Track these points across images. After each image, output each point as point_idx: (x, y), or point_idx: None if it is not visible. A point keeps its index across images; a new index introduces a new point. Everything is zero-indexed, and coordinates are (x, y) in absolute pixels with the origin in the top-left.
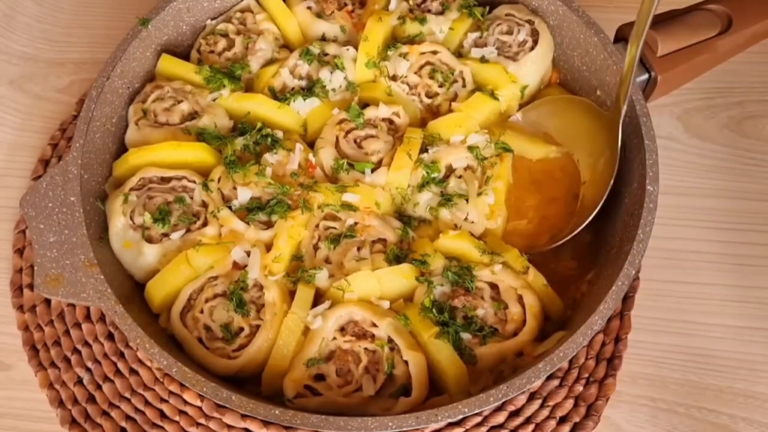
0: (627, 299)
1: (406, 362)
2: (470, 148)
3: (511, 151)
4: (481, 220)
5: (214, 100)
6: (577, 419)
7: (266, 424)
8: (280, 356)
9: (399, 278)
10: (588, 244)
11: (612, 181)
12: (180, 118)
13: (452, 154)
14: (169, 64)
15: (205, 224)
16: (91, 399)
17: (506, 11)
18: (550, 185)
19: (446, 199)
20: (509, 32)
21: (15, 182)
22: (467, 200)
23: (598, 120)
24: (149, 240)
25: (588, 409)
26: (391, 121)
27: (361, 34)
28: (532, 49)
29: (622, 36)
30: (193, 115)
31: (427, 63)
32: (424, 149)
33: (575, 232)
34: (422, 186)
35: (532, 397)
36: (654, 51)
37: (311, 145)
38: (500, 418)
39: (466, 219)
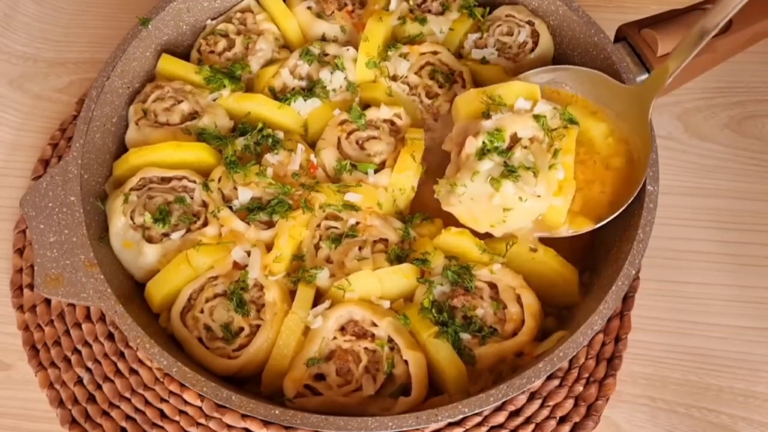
0: (627, 299)
1: (406, 362)
2: (536, 117)
3: (577, 123)
4: (548, 196)
5: (214, 100)
6: (577, 419)
7: (266, 423)
8: (280, 356)
9: (400, 278)
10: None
11: (645, 173)
12: (180, 118)
13: (518, 122)
14: (169, 64)
15: (205, 224)
16: (91, 399)
17: (506, 12)
18: (606, 166)
19: (510, 171)
20: (509, 33)
21: (15, 182)
22: (534, 174)
23: (621, 95)
24: (149, 240)
25: (588, 409)
26: (392, 123)
27: (361, 34)
28: (532, 50)
29: (622, 36)
30: (194, 115)
31: (428, 63)
32: (486, 114)
33: (614, 215)
34: (482, 154)
35: (532, 396)
36: (654, 51)
37: (312, 145)
38: (500, 418)
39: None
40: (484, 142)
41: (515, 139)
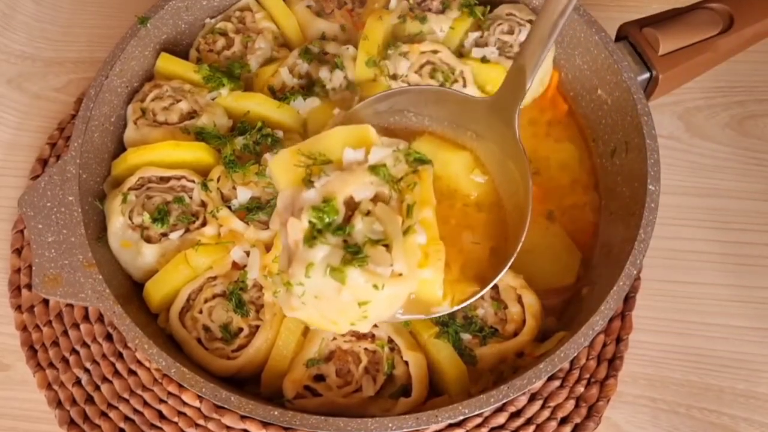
0: (628, 299)
1: (406, 362)
2: (374, 169)
3: (429, 162)
4: (413, 271)
5: (213, 99)
6: (578, 420)
7: (265, 425)
8: (280, 356)
9: None
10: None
11: (530, 201)
12: (179, 118)
13: (350, 182)
14: (167, 63)
15: (204, 224)
16: (90, 400)
17: (507, 11)
18: (473, 213)
19: (353, 253)
20: (510, 32)
21: (13, 182)
22: (386, 246)
23: (476, 111)
24: (148, 240)
25: (589, 410)
26: None
27: (360, 32)
28: None
29: (623, 35)
30: (192, 115)
31: (428, 62)
32: (308, 181)
33: (506, 269)
34: (312, 238)
35: (533, 397)
36: (655, 50)
37: None
38: (501, 419)
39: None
40: (311, 222)
41: (352, 206)
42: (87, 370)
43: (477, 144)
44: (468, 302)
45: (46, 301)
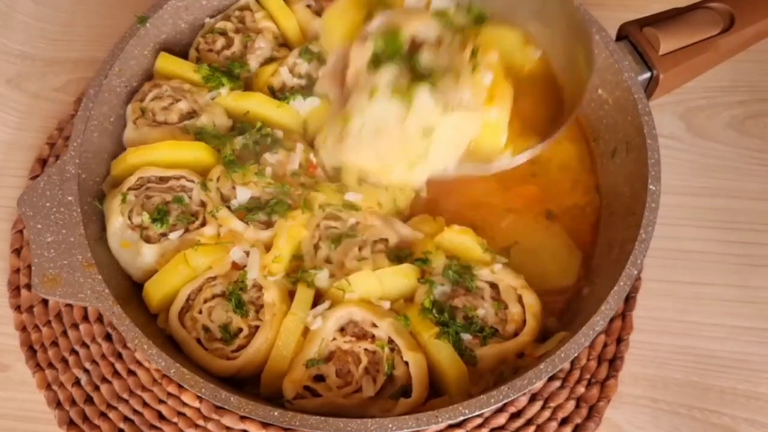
0: (629, 300)
1: (406, 363)
2: (438, 15)
3: (486, 18)
4: (479, 107)
5: (212, 99)
6: (578, 421)
7: (265, 425)
8: (280, 357)
9: (400, 278)
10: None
11: (593, 69)
12: (178, 117)
13: (413, 20)
14: (167, 62)
15: (203, 224)
16: (89, 400)
17: None
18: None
19: (420, 78)
20: None
21: (12, 182)
22: (455, 77)
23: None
24: (147, 240)
25: (590, 410)
26: None
27: None
28: None
29: (623, 34)
30: (192, 114)
31: None
32: (368, 17)
33: (565, 125)
34: (375, 63)
35: (533, 398)
36: (656, 49)
37: (311, 144)
38: (501, 419)
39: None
40: (374, 49)
41: (416, 46)
42: (86, 371)
43: (530, 23)
44: (530, 152)
45: (45, 302)
